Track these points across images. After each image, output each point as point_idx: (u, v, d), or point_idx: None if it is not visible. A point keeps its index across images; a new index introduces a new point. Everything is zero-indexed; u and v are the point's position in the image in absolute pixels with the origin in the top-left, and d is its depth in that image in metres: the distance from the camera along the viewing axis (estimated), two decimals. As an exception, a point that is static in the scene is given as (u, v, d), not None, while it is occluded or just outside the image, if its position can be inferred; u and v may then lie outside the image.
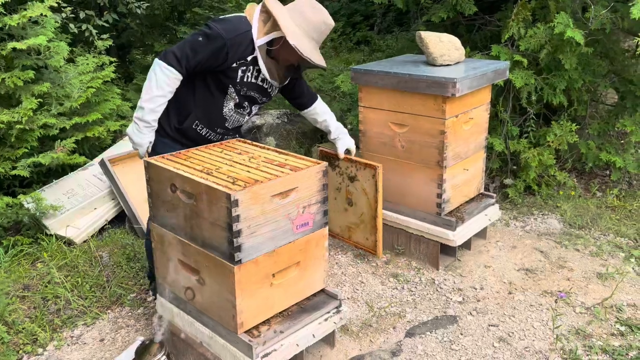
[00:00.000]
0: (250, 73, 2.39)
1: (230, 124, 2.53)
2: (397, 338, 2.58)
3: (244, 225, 1.94)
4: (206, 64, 2.30)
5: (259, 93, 2.49)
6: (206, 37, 2.28)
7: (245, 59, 2.34)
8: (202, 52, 2.27)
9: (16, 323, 2.75)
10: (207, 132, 2.51)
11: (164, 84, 2.26)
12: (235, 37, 2.29)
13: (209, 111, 2.45)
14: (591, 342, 2.51)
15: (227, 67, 2.32)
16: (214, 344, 2.16)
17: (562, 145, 3.96)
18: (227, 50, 2.28)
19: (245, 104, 2.49)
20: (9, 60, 3.71)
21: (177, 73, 2.27)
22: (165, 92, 2.29)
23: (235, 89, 2.41)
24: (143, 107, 2.28)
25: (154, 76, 2.26)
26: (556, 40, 3.71)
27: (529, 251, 3.34)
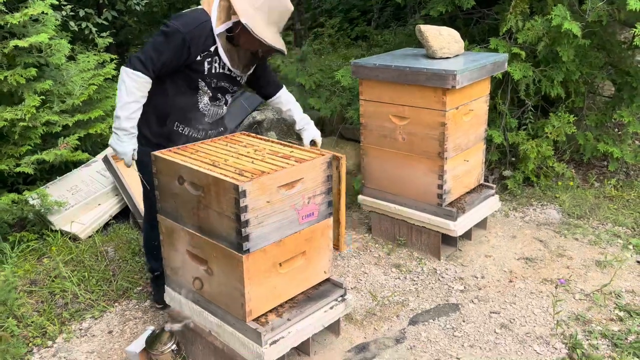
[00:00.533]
0: (218, 64, 2.40)
1: (209, 119, 2.54)
2: (401, 326, 2.63)
3: (252, 216, 1.98)
4: (172, 62, 2.32)
5: (229, 82, 2.50)
6: (165, 36, 2.30)
7: (208, 50, 2.35)
8: (165, 51, 2.29)
9: (25, 317, 2.79)
10: (189, 131, 2.51)
11: (134, 89, 2.28)
12: (194, 30, 2.29)
13: (186, 110, 2.46)
14: (591, 327, 2.56)
15: (192, 62, 2.33)
16: (222, 333, 2.20)
17: (560, 137, 4.01)
18: (188, 44, 2.29)
19: (219, 95, 2.50)
20: (10, 58, 3.74)
21: (144, 77, 2.28)
22: (137, 97, 2.30)
23: (206, 82, 2.42)
24: (119, 116, 2.29)
25: (123, 84, 2.28)
26: (553, 32, 3.75)
27: (528, 241, 3.39)
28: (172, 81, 2.41)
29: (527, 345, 2.47)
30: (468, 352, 2.44)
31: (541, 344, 2.47)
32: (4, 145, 3.77)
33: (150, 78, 2.31)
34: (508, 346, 2.47)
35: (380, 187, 3.31)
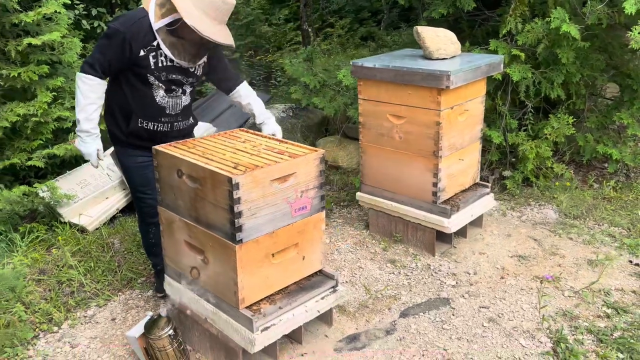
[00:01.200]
0: (164, 57, 2.46)
1: (170, 110, 2.60)
2: (392, 318, 2.72)
3: (245, 207, 2.08)
4: (118, 61, 2.42)
5: (181, 74, 2.54)
6: (107, 37, 2.42)
7: (151, 45, 2.42)
8: (109, 51, 2.40)
9: (33, 304, 2.92)
10: (153, 125, 2.59)
11: (88, 92, 2.41)
12: (132, 27, 2.38)
13: (145, 106, 2.54)
14: (577, 323, 2.62)
15: (136, 57, 2.41)
16: (217, 320, 2.30)
17: (558, 138, 4.05)
18: (129, 42, 2.37)
19: (173, 87, 2.55)
20: (24, 56, 3.88)
21: (95, 78, 2.41)
22: (93, 99, 2.43)
23: (155, 76, 2.48)
24: (79, 119, 2.44)
25: (78, 89, 2.42)
26: (553, 34, 3.81)
27: (523, 239, 3.45)
28: (127, 80, 2.51)
29: (513, 339, 2.53)
30: (455, 344, 2.52)
31: (527, 338, 2.53)
32: (16, 139, 3.92)
33: (101, 79, 2.44)
34: (495, 339, 2.54)
35: (377, 185, 3.39)
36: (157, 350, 2.29)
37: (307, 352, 2.48)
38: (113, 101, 2.56)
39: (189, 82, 2.61)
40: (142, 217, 2.82)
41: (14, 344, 2.60)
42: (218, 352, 2.38)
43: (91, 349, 2.61)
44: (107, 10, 5.75)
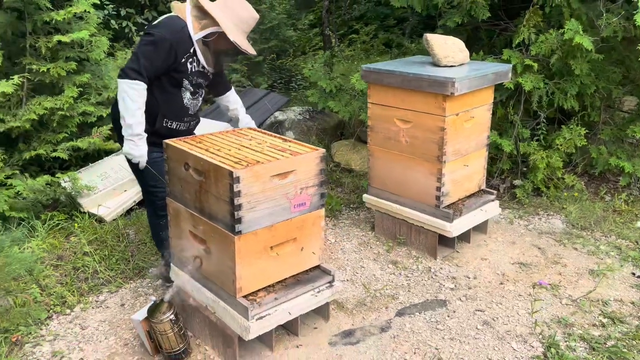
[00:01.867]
0: (196, 63, 2.71)
1: (191, 111, 2.85)
2: (388, 316, 2.78)
3: (245, 200, 2.19)
4: (162, 67, 2.60)
5: (203, 79, 2.81)
6: (153, 45, 2.57)
7: (189, 52, 2.65)
8: (156, 58, 2.57)
9: (48, 287, 3.08)
10: (176, 125, 2.81)
11: (136, 97, 2.55)
12: (177, 35, 2.60)
13: (173, 107, 2.75)
14: (572, 330, 2.65)
15: (178, 64, 2.63)
16: (217, 307, 2.41)
17: (570, 149, 4.06)
18: (175, 49, 2.59)
19: (197, 90, 2.82)
20: (54, 52, 4.08)
21: (142, 84, 2.56)
22: (140, 104, 2.58)
23: (189, 80, 2.73)
24: (130, 123, 2.56)
25: (126, 95, 2.54)
26: (567, 46, 3.83)
27: (527, 247, 3.47)
28: (158, 83, 2.67)
29: (505, 342, 2.57)
30: (447, 344, 2.57)
31: (519, 342, 2.57)
32: (43, 131, 4.12)
33: (146, 85, 2.58)
34: (487, 341, 2.58)
35: (383, 187, 3.46)
36: (159, 334, 2.41)
37: (303, 344, 2.57)
38: None
39: (205, 86, 2.89)
40: (154, 210, 2.95)
41: (28, 323, 2.75)
42: (216, 339, 2.49)
43: (99, 331, 2.75)
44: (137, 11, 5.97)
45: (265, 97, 5.40)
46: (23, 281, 3.03)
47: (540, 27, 4.04)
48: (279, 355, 2.50)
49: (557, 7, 3.96)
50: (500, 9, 4.71)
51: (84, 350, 2.59)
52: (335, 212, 4.04)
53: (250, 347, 2.49)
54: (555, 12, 4.11)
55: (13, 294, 2.84)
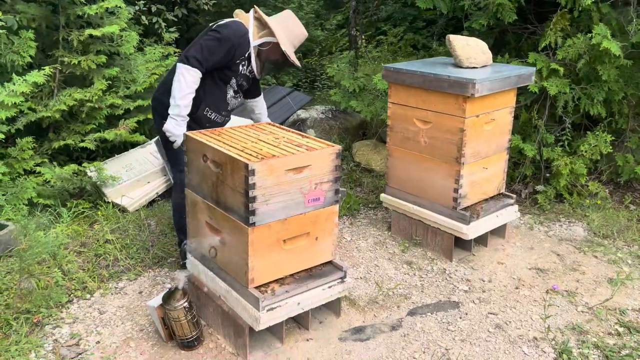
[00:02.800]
0: (246, 67, 2.95)
1: (230, 107, 3.10)
2: (399, 315, 2.79)
3: (259, 193, 2.23)
4: (220, 62, 2.83)
5: (246, 82, 3.04)
6: (219, 41, 2.81)
7: (244, 56, 2.90)
8: (218, 53, 2.80)
9: (71, 272, 3.17)
10: (215, 116, 3.03)
11: (191, 83, 2.76)
12: (240, 39, 2.85)
13: (217, 99, 2.98)
14: (586, 337, 2.61)
15: (233, 63, 2.88)
16: (229, 297, 2.46)
17: (594, 156, 3.99)
18: (235, 49, 2.84)
19: (239, 90, 3.07)
20: (85, 45, 4.21)
21: (199, 73, 2.77)
22: (193, 90, 2.79)
23: (236, 80, 2.98)
24: (179, 104, 2.76)
25: (182, 78, 2.75)
26: (595, 50, 3.77)
27: (545, 253, 3.43)
28: (211, 76, 2.90)
29: (516, 346, 2.55)
30: (458, 345, 2.56)
31: (530, 347, 2.54)
32: (72, 122, 4.25)
33: (202, 74, 2.80)
34: (498, 345, 2.56)
35: (401, 187, 3.46)
36: (173, 321, 2.46)
37: (313, 337, 2.60)
38: None
39: (245, 89, 3.13)
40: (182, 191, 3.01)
41: (49, 305, 2.84)
42: (228, 329, 2.53)
43: (117, 316, 2.82)
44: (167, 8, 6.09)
45: (289, 95, 5.45)
46: (47, 265, 3.13)
47: (567, 31, 3.99)
48: (289, 348, 2.53)
49: (586, 11, 3.90)
50: (530, 12, 4.66)
51: (101, 334, 2.67)
52: (354, 211, 4.05)
53: (260, 338, 2.53)
54: (585, 16, 4.05)
55: (36, 277, 2.93)
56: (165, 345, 2.57)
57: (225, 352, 2.51)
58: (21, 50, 3.85)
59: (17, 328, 2.63)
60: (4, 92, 3.46)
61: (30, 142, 3.89)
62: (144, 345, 2.58)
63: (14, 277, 2.96)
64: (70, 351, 2.55)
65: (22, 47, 3.86)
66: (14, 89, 3.47)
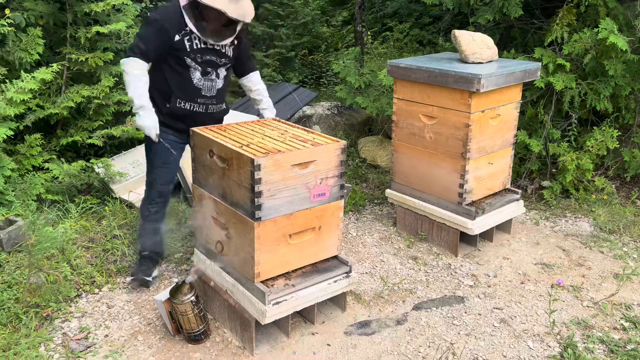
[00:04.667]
0: (198, 40, 2.71)
1: (206, 92, 2.83)
2: (405, 310, 2.80)
3: (265, 188, 2.24)
4: (159, 47, 2.67)
5: (215, 55, 2.77)
6: (147, 24, 2.70)
7: (184, 29, 2.68)
8: (149, 38, 2.66)
9: (79, 267, 3.20)
10: (190, 105, 2.82)
11: (132, 70, 2.64)
12: (166, 14, 2.67)
13: (184, 87, 2.78)
14: (591, 332, 2.61)
15: (173, 42, 2.67)
16: (235, 291, 2.48)
17: (601, 151, 3.98)
18: (166, 28, 2.65)
19: (209, 69, 2.79)
20: (92, 43, 4.23)
21: (137, 59, 2.64)
22: (138, 76, 2.66)
23: (191, 58, 2.73)
24: (131, 97, 2.67)
25: (124, 72, 2.67)
26: (601, 45, 3.75)
27: (551, 248, 3.43)
28: (167, 65, 2.76)
29: (521, 341, 2.56)
30: (463, 339, 2.57)
31: (536, 341, 2.55)
32: (80, 119, 4.28)
33: (143, 60, 2.66)
34: (503, 339, 2.57)
35: (406, 183, 3.47)
36: (180, 314, 2.49)
37: (319, 332, 2.62)
38: (154, 86, 2.79)
39: (222, 64, 2.83)
40: (150, 194, 3.03)
41: (58, 300, 2.87)
42: (234, 322, 2.55)
43: (125, 310, 2.85)
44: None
45: (295, 91, 5.46)
46: (55, 260, 3.17)
47: (574, 25, 3.98)
48: (295, 341, 2.55)
49: (592, 6, 3.89)
50: (536, 7, 4.64)
51: (109, 328, 2.70)
52: (359, 206, 4.06)
53: (267, 332, 2.55)
54: (592, 11, 4.04)
55: (45, 272, 2.97)
56: (173, 338, 2.60)
57: (232, 346, 2.54)
58: (29, 47, 3.88)
59: (26, 322, 2.66)
60: (13, 89, 3.49)
61: (39, 138, 3.92)
62: (151, 339, 2.60)
63: (24, 272, 2.99)
64: (79, 344, 2.58)
65: (30, 45, 3.89)
66: (22, 86, 3.50)
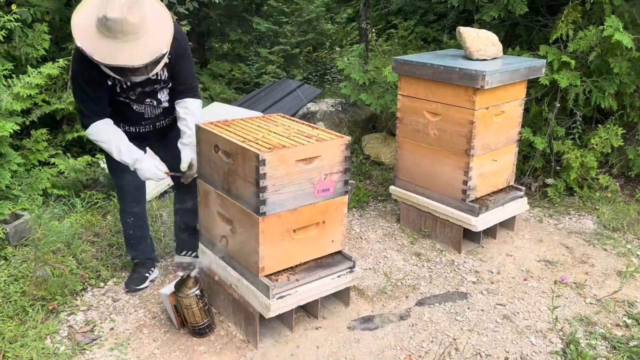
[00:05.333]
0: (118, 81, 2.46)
1: (149, 115, 2.67)
2: (408, 305, 2.81)
3: (269, 183, 2.26)
4: (102, 92, 2.45)
5: (148, 86, 2.53)
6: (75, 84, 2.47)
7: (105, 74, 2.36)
8: (87, 94, 2.44)
9: (85, 261, 3.23)
10: (135, 128, 2.68)
11: (101, 135, 2.51)
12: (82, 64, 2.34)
13: (124, 115, 2.61)
14: (594, 329, 2.62)
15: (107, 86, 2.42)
16: (240, 286, 2.50)
17: (605, 149, 3.98)
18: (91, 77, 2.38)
19: (147, 100, 2.60)
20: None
21: (95, 123, 2.47)
22: (114, 136, 2.51)
23: (124, 97, 2.54)
24: (123, 159, 2.54)
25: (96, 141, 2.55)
26: (606, 43, 3.75)
27: (554, 246, 3.43)
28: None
29: (524, 337, 2.57)
30: (465, 335, 2.59)
31: (538, 337, 2.56)
32: (85, 114, 4.30)
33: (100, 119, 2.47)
34: (505, 335, 2.58)
35: (410, 180, 3.48)
36: (184, 308, 2.51)
37: (322, 326, 2.63)
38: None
39: (161, 88, 2.61)
40: (124, 206, 2.93)
41: (64, 293, 2.90)
42: (239, 316, 2.57)
43: (130, 304, 2.88)
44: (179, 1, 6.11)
45: (299, 88, 5.47)
46: (61, 254, 3.19)
47: (579, 23, 3.97)
48: (298, 335, 2.57)
49: (598, 3, 3.88)
50: (542, 4, 4.63)
51: (115, 321, 2.72)
52: (363, 203, 4.07)
53: (270, 326, 2.57)
54: (597, 8, 4.03)
55: (51, 266, 3.00)
56: (178, 332, 2.62)
57: (236, 339, 2.56)
58: (35, 43, 3.91)
59: (33, 315, 2.69)
60: (19, 84, 3.52)
61: (45, 133, 3.95)
62: (156, 332, 2.63)
63: (30, 266, 3.02)
64: (85, 337, 2.60)
65: (36, 40, 3.91)
66: (29, 81, 3.52)
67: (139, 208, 2.94)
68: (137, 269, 3.04)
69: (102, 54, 2.20)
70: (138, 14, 2.22)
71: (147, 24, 2.26)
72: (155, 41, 2.28)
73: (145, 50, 2.25)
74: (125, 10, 2.18)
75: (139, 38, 2.24)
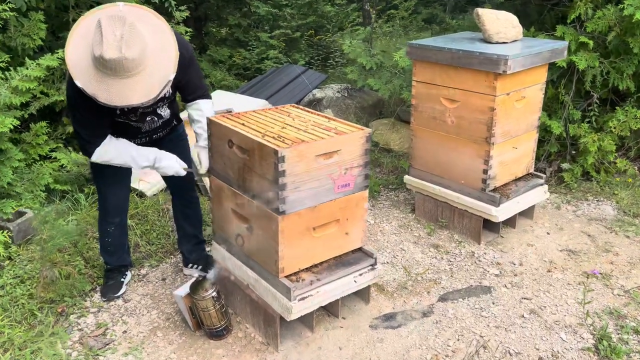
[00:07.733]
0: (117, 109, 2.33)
1: (147, 128, 2.55)
2: (430, 301, 2.72)
3: (289, 180, 2.14)
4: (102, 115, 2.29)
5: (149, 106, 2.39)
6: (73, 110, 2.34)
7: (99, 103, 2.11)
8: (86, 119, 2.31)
9: (92, 259, 3.12)
10: (133, 141, 2.53)
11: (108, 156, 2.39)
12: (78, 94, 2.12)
13: (123, 130, 2.48)
14: (624, 322, 2.54)
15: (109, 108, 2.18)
16: (258, 286, 2.39)
17: (624, 132, 3.87)
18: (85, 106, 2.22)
19: (147, 118, 2.50)
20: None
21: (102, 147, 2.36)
22: (121, 150, 2.40)
23: (122, 119, 2.43)
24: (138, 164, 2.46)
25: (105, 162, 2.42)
26: (626, 22, 3.61)
27: (575, 234, 3.34)
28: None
29: (553, 332, 2.48)
30: (492, 332, 2.50)
31: (568, 333, 2.48)
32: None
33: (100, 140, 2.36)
34: (534, 331, 2.50)
35: (426, 169, 3.37)
36: (201, 310, 2.41)
37: (343, 325, 2.54)
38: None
39: (162, 105, 2.52)
40: (105, 215, 2.77)
41: (73, 294, 2.80)
42: (257, 318, 2.48)
43: (142, 304, 2.78)
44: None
45: (303, 74, 5.32)
46: (68, 253, 3.08)
47: (597, 2, 3.82)
48: (319, 336, 2.47)
49: (617, -20, 3.74)
50: (553, -18, 4.48)
51: (127, 323, 2.63)
52: (374, 192, 3.96)
53: (290, 327, 2.48)
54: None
55: (58, 266, 2.89)
56: (194, 334, 2.52)
57: (255, 342, 2.46)
58: (31, 32, 3.74)
59: (42, 318, 2.59)
60: (17, 77, 3.36)
61: (44, 126, 3.81)
62: (171, 335, 2.53)
63: (36, 266, 2.91)
64: (97, 341, 2.51)
65: (32, 30, 3.74)
66: (27, 74, 3.37)
67: (121, 217, 2.78)
68: (111, 275, 2.88)
69: (107, 96, 2.05)
70: (137, 46, 2.02)
71: (148, 53, 2.07)
72: (160, 68, 2.11)
73: (152, 82, 2.09)
74: (123, 46, 1.98)
75: (144, 69, 2.07)
